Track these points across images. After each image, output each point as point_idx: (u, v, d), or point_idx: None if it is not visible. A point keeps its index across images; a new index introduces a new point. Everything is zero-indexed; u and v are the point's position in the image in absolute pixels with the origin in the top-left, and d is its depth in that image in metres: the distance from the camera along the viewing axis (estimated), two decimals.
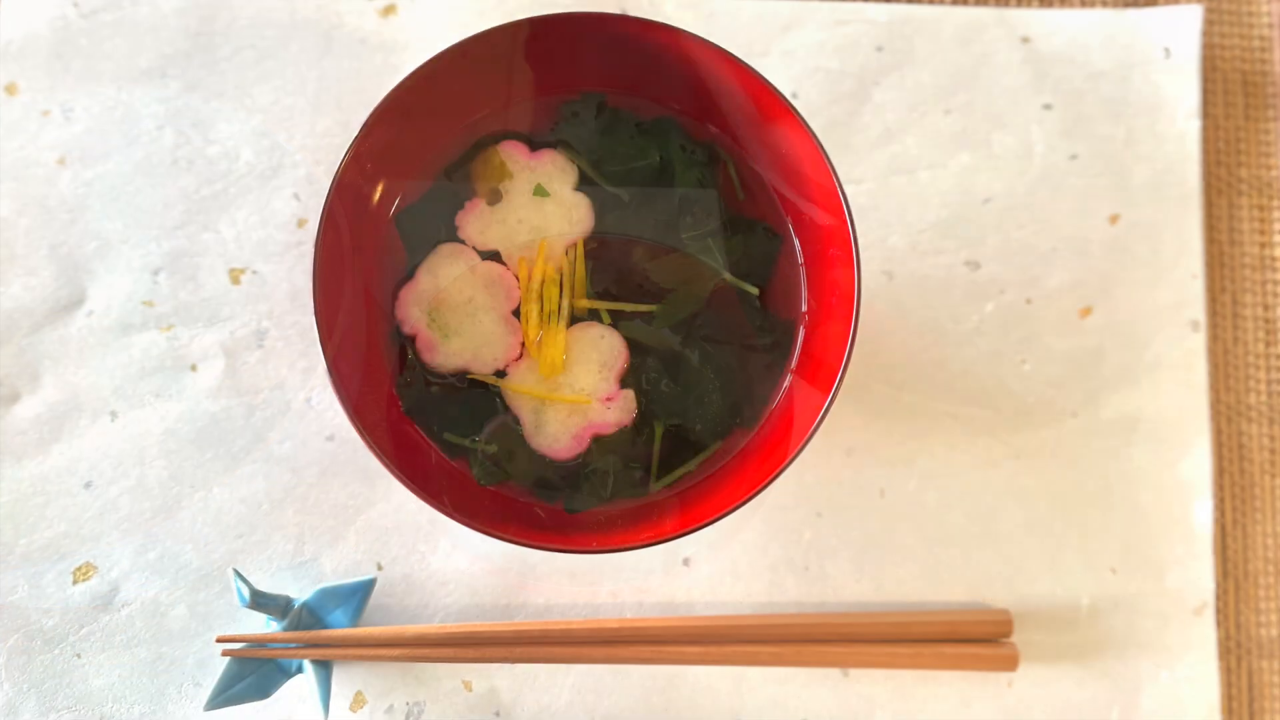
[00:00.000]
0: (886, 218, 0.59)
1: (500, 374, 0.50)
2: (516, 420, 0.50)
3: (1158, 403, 0.58)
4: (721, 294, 0.50)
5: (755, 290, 0.50)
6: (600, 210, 0.51)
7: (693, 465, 0.50)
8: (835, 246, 0.48)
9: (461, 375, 0.50)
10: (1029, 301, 0.59)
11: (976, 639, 0.55)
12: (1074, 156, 0.60)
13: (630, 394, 0.50)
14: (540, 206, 0.50)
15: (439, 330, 0.50)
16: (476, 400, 0.50)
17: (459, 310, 0.50)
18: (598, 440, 0.49)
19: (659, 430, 0.50)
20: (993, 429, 0.58)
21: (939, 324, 0.59)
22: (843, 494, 0.57)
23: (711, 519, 0.45)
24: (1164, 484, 0.58)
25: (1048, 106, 0.60)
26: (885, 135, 0.60)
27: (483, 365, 0.50)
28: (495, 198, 0.51)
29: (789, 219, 0.51)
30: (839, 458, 0.58)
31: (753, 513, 0.57)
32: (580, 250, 0.50)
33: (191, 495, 0.57)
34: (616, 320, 0.50)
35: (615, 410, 0.50)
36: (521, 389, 0.49)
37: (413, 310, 0.50)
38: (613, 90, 0.52)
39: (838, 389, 0.45)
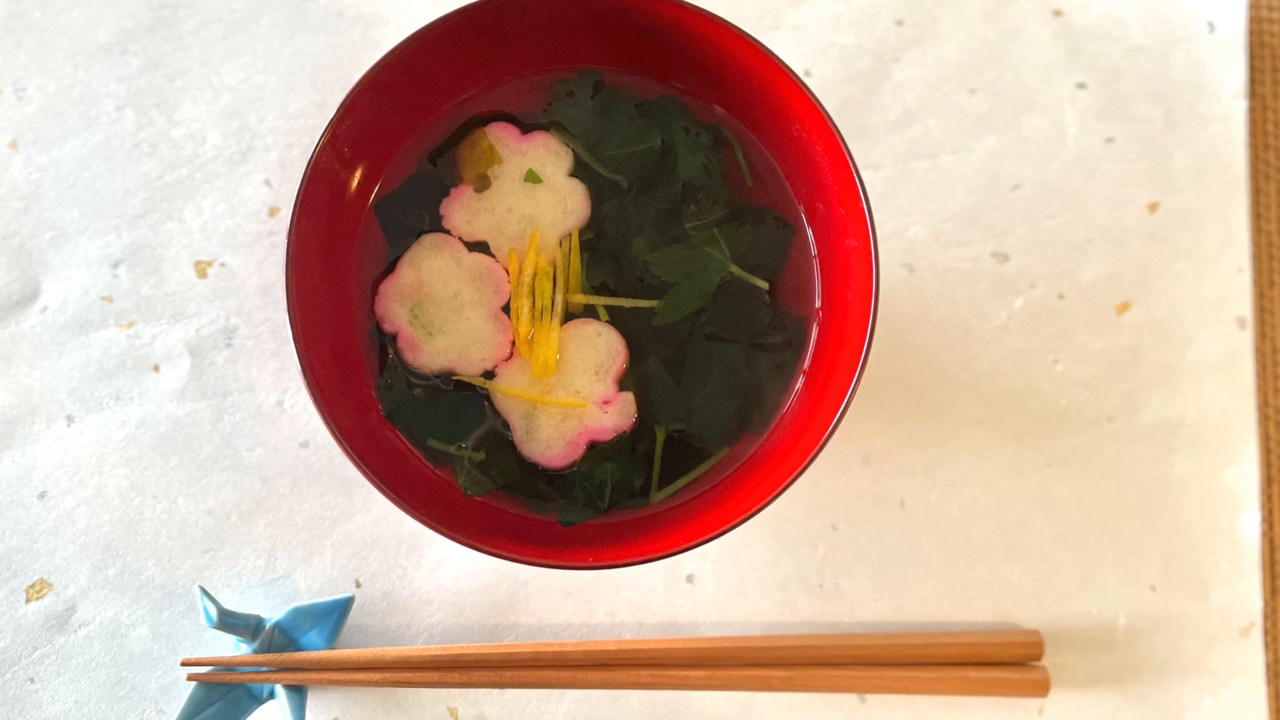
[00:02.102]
0: (907, 206, 0.59)
1: (489, 375, 0.49)
2: (506, 425, 0.49)
3: (1201, 406, 0.58)
4: (728, 288, 0.50)
5: (765, 284, 0.50)
6: (597, 198, 0.50)
7: (697, 474, 0.50)
8: (851, 237, 0.47)
9: (447, 376, 0.49)
10: (1061, 296, 0.59)
11: (1004, 662, 0.55)
12: (1110, 140, 0.60)
13: (629, 397, 0.49)
14: (532, 194, 0.50)
15: (422, 328, 0.49)
16: (463, 404, 0.49)
17: (444, 306, 0.49)
18: (594, 447, 0.49)
19: (660, 436, 0.49)
20: (1022, 434, 0.58)
21: (964, 321, 0.58)
22: (860, 505, 0.57)
23: (717, 532, 0.45)
24: (1208, 494, 0.58)
25: (1081, 85, 0.60)
26: (905, 117, 0.59)
27: (470, 366, 0.49)
28: (483, 184, 0.50)
29: (801, 207, 0.51)
30: (855, 466, 0.57)
31: (762, 526, 0.57)
32: (575, 241, 0.50)
33: (154, 506, 0.56)
34: (614, 317, 0.50)
35: (613, 414, 0.49)
36: (511, 391, 0.49)
37: (394, 306, 0.50)
38: (611, 68, 0.51)
39: (854, 391, 0.45)
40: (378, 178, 0.51)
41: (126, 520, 0.56)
